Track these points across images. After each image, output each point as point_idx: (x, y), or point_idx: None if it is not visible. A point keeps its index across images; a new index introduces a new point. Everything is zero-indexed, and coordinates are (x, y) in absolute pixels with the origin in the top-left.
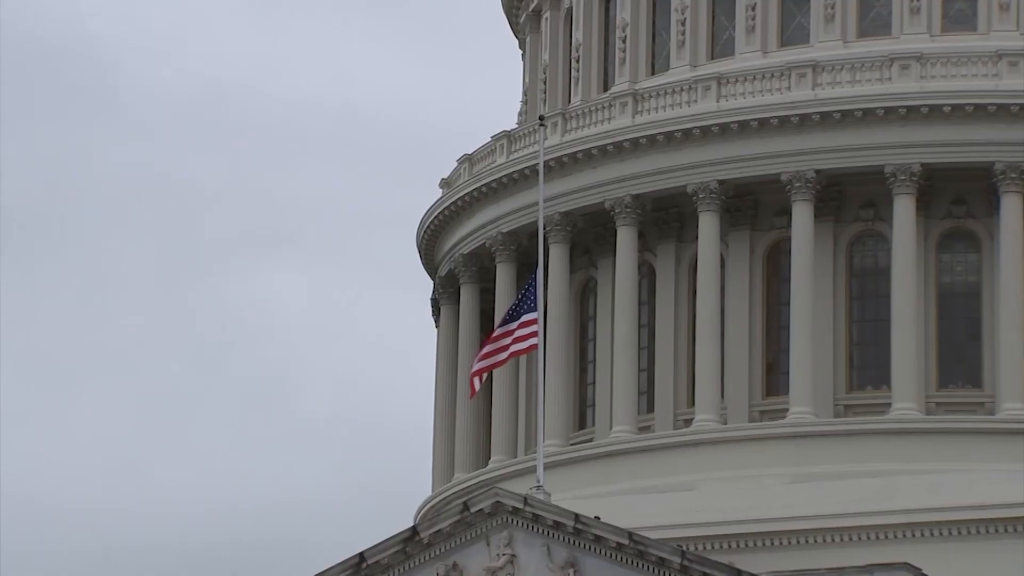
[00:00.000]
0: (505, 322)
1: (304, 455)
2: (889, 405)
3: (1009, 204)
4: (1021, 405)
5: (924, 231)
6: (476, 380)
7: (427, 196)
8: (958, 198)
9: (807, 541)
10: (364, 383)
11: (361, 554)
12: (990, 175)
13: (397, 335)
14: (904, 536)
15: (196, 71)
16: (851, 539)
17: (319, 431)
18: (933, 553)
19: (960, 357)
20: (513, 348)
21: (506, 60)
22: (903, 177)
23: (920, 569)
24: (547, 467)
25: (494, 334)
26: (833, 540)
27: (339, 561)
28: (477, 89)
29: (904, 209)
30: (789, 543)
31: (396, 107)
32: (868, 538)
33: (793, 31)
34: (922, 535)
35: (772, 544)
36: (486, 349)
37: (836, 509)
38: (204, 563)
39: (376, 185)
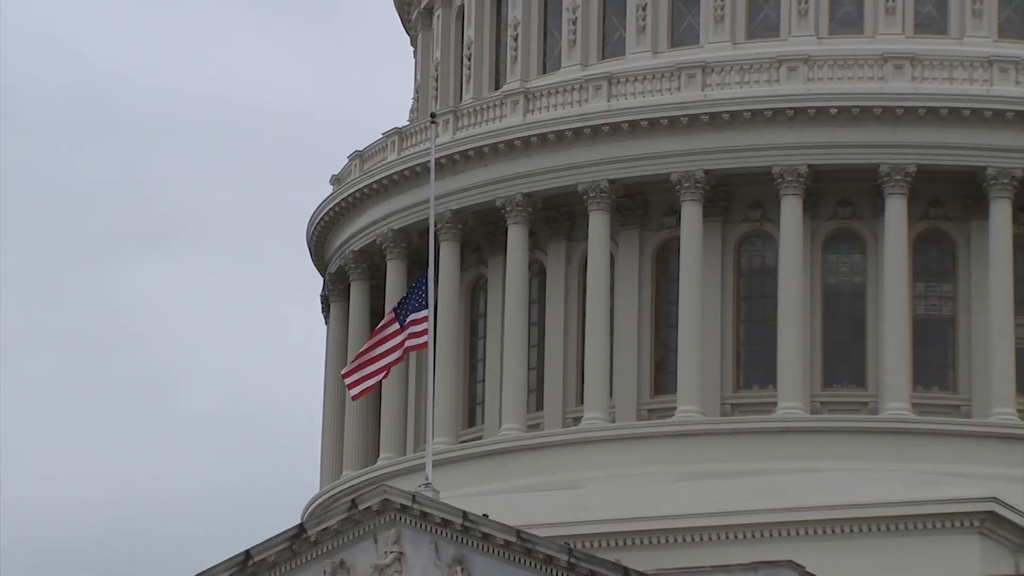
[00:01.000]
0: (392, 320)
1: (192, 453)
2: (775, 404)
3: (894, 206)
4: (903, 405)
5: (810, 232)
6: (365, 380)
7: (318, 193)
8: (844, 199)
9: (693, 539)
10: (253, 380)
11: (247, 551)
12: (875, 177)
13: (287, 332)
14: (789, 534)
15: (80, 67)
16: (737, 537)
17: (207, 429)
18: (817, 551)
19: (845, 357)
20: (407, 344)
21: (399, 57)
22: (790, 178)
23: (803, 567)
24: (436, 465)
25: (375, 338)
26: (719, 538)
27: (225, 559)
28: (369, 86)
29: (791, 210)
30: (675, 541)
31: (287, 103)
32: (753, 536)
33: (683, 32)
34: (806, 533)
35: (659, 542)
36: (364, 358)
37: (722, 507)
38: (91, 560)
39: (267, 182)
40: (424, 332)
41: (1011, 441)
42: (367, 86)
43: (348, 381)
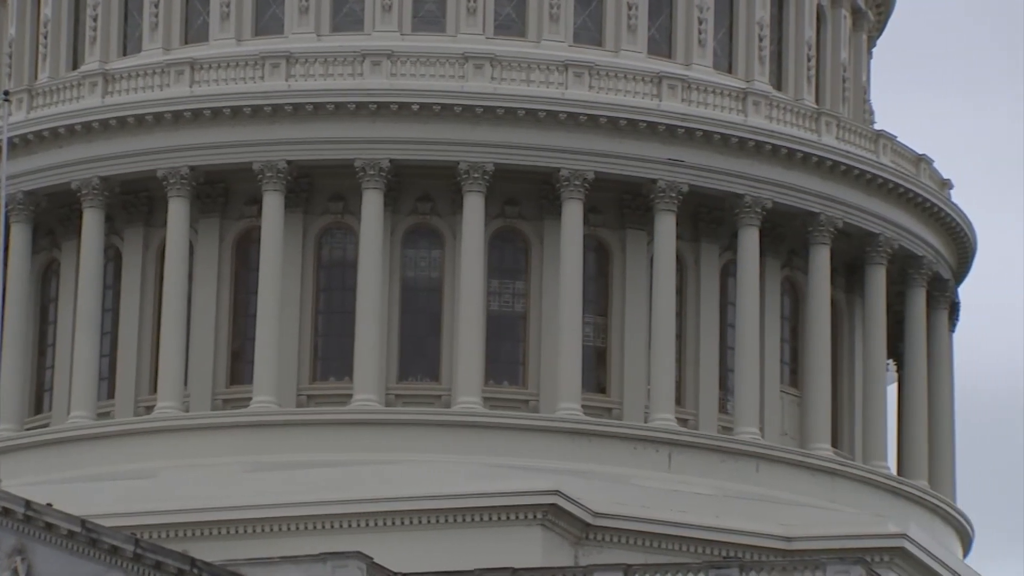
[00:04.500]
0: None
1: None
2: (351, 396)
3: (471, 203)
4: (475, 399)
5: (391, 226)
6: None
7: None
8: (424, 195)
9: (265, 529)
10: None
11: None
12: (455, 174)
13: None
14: (359, 525)
15: None
16: (308, 528)
17: None
18: (387, 542)
19: (421, 351)
20: None
21: None
22: (372, 172)
23: (372, 558)
24: (0, 452)
25: None
26: (291, 529)
27: None
28: None
29: (372, 204)
30: (247, 531)
31: None
32: (324, 527)
33: (268, 21)
34: (376, 524)
35: (230, 532)
36: None
37: (294, 498)
38: None
39: None
40: None
41: (576, 436)
42: None
43: None
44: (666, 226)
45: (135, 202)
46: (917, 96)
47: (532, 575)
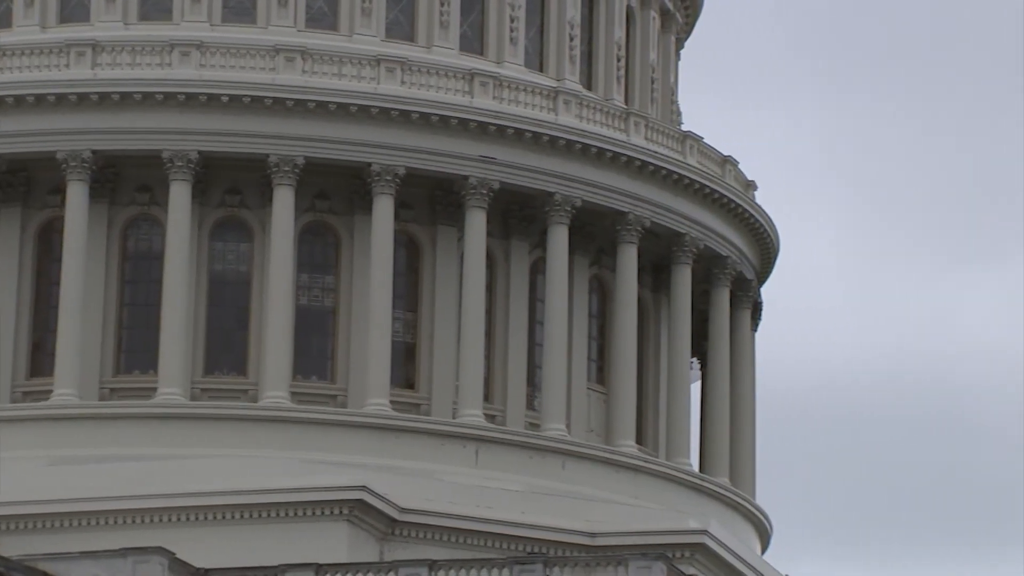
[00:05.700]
0: None
1: None
2: (156, 390)
3: (281, 197)
4: (283, 393)
5: (199, 218)
6: None
7: None
8: (233, 187)
9: (64, 524)
10: None
11: None
12: (265, 167)
13: None
14: (162, 520)
15: None
16: (108, 523)
17: None
18: (191, 538)
19: (228, 344)
20: None
21: None
22: (180, 163)
23: (174, 553)
24: None
25: None
26: (90, 524)
27: None
28: None
29: (179, 195)
30: (45, 526)
31: None
32: (126, 522)
33: (73, 8)
34: (179, 519)
35: (28, 527)
36: None
37: (94, 493)
38: None
39: None
40: None
41: (383, 431)
42: None
43: None
44: (476, 223)
45: None
46: (724, 98)
47: (337, 571)
